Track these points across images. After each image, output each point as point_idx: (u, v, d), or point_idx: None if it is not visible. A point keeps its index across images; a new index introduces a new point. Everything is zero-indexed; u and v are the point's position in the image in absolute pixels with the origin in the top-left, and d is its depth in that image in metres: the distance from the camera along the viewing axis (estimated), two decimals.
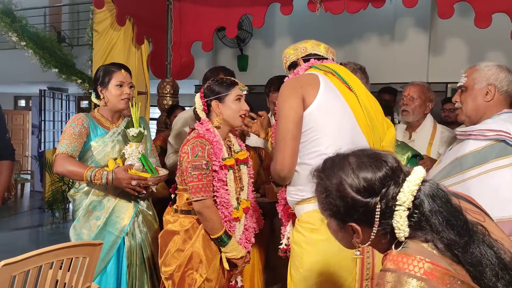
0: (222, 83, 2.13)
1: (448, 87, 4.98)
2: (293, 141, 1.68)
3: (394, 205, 0.99)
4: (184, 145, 2.06)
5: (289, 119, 1.68)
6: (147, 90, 4.40)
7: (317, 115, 1.69)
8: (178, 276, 2.04)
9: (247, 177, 2.23)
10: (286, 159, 1.69)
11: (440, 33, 5.07)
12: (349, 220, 1.04)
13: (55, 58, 5.14)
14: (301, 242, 1.70)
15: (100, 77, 2.38)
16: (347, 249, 1.64)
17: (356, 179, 1.02)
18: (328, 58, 1.88)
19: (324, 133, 1.68)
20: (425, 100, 2.82)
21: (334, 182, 1.05)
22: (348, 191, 1.02)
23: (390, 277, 0.92)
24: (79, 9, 7.84)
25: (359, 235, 1.04)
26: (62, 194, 6.74)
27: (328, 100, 1.71)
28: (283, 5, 4.01)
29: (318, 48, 1.87)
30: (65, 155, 2.24)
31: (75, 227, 2.34)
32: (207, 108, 2.12)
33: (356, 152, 1.09)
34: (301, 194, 1.72)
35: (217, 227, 2.03)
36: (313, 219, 1.67)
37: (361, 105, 1.76)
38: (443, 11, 3.53)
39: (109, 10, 4.01)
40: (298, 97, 1.69)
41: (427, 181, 1.01)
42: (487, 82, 1.81)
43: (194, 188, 2.00)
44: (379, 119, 1.81)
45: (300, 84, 1.72)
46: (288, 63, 1.91)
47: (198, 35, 4.51)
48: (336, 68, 1.81)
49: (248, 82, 5.85)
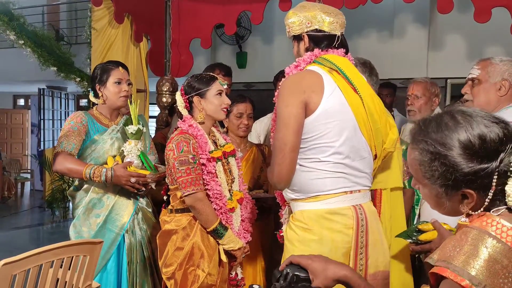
0: (202, 78, 2.15)
1: (447, 82, 4.97)
2: (292, 153, 1.61)
3: (510, 170, 0.95)
4: (169, 143, 2.07)
5: (289, 128, 1.60)
6: (146, 88, 4.40)
7: (320, 123, 1.63)
8: (180, 274, 2.04)
9: (236, 169, 2.24)
10: (284, 172, 1.63)
11: (440, 28, 5.05)
12: (461, 186, 0.97)
13: (53, 57, 5.13)
14: (294, 240, 1.69)
15: (98, 75, 2.37)
16: (338, 250, 1.64)
17: (471, 137, 0.95)
18: (336, 34, 1.74)
19: (325, 142, 1.64)
20: (430, 97, 2.75)
21: (446, 146, 0.96)
22: (465, 154, 0.95)
23: (472, 233, 0.94)
24: (77, 7, 7.82)
25: (472, 201, 0.98)
26: (62, 192, 6.74)
27: (331, 106, 1.64)
28: (282, 1, 3.99)
29: (323, 23, 1.73)
30: (64, 153, 2.24)
31: (75, 225, 2.34)
32: (189, 105, 2.14)
33: (459, 110, 1.00)
34: (297, 194, 1.71)
35: (211, 219, 2.03)
36: (306, 218, 1.66)
37: (365, 108, 1.70)
38: (443, 6, 3.52)
39: (107, 8, 4.00)
40: (300, 103, 1.61)
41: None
42: (502, 77, 1.81)
43: (184, 183, 2.00)
44: (383, 121, 1.76)
45: (303, 88, 1.63)
46: (292, 34, 1.79)
47: (196, 32, 4.49)
48: (342, 64, 1.71)
49: (247, 79, 5.89)
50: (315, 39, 1.75)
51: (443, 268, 0.93)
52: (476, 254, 0.91)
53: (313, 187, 1.66)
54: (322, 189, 1.65)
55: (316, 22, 1.73)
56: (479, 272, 0.89)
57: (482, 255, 0.90)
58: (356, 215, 1.66)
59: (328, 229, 1.64)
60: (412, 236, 1.70)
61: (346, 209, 1.66)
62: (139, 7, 4.14)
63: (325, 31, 1.74)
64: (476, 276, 0.89)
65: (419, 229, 1.70)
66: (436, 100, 2.77)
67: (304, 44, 1.77)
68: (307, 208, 1.67)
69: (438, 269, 0.94)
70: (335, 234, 1.64)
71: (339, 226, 1.65)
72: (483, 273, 0.89)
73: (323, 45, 1.75)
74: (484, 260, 0.90)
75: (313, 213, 1.66)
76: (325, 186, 1.65)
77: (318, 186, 1.65)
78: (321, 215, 1.65)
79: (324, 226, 1.65)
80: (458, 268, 0.90)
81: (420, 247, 1.68)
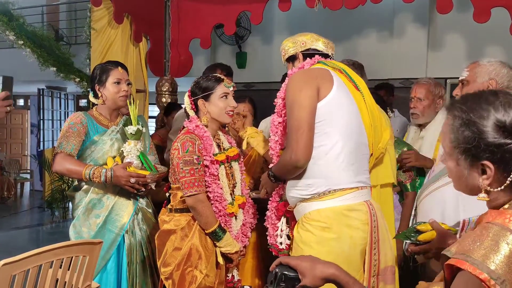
0: (207, 81, 2.12)
1: (447, 82, 4.97)
2: (309, 131, 1.64)
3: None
4: (174, 142, 2.07)
5: (306, 108, 1.63)
6: (145, 88, 4.39)
7: (330, 109, 1.67)
8: (178, 274, 2.04)
9: (239, 174, 2.23)
10: (302, 149, 1.63)
11: (439, 28, 5.06)
12: (482, 157, 1.00)
13: (53, 57, 5.13)
14: (311, 242, 1.67)
15: (97, 76, 2.37)
16: (356, 247, 1.66)
17: (506, 115, 0.98)
18: (328, 54, 1.87)
19: (334, 128, 1.67)
20: (434, 99, 2.64)
21: (479, 115, 1.00)
22: (495, 126, 0.98)
23: (493, 229, 0.95)
24: (76, 7, 7.81)
25: (490, 175, 1.00)
26: (61, 193, 6.74)
27: (341, 95, 1.70)
28: (282, 2, 3.99)
29: (317, 43, 1.85)
30: (63, 153, 2.24)
31: (75, 226, 2.34)
32: (195, 107, 2.13)
33: (503, 91, 1.06)
34: (311, 189, 1.70)
35: (211, 221, 2.03)
36: (324, 217, 1.66)
37: (367, 105, 1.76)
38: (442, 6, 3.52)
39: (106, 8, 4.00)
40: (314, 87, 1.66)
41: None
42: (489, 76, 1.83)
43: (186, 183, 2.00)
44: (381, 120, 1.83)
45: (315, 75, 1.70)
46: (287, 56, 1.89)
47: (196, 33, 4.49)
48: (343, 66, 1.82)
49: (247, 79, 5.89)
50: (308, 55, 1.84)
51: (461, 261, 0.93)
52: (497, 249, 0.92)
53: (328, 180, 1.68)
54: (336, 182, 1.67)
55: (310, 43, 1.85)
56: (499, 267, 0.90)
57: (503, 251, 0.91)
58: (369, 211, 1.70)
59: (347, 226, 1.66)
60: (411, 237, 1.70)
61: (361, 205, 1.70)
62: (138, 7, 4.14)
63: (318, 50, 1.84)
64: (495, 271, 0.89)
65: (418, 229, 1.70)
66: (440, 102, 2.66)
67: (299, 61, 1.85)
68: (325, 206, 1.68)
69: (456, 261, 0.94)
70: (353, 231, 1.67)
71: (357, 222, 1.67)
72: (502, 268, 0.90)
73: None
74: (504, 256, 0.91)
75: (332, 210, 1.67)
76: (340, 179, 1.67)
77: (333, 179, 1.68)
78: (340, 212, 1.67)
79: (343, 223, 1.66)
80: (477, 262, 0.91)
81: (419, 247, 1.68)
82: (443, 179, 1.85)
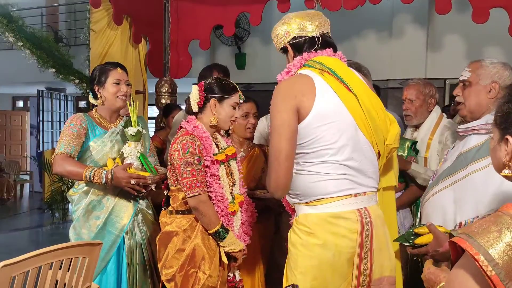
0: (226, 85, 2.16)
1: (446, 82, 4.98)
2: (286, 161, 1.60)
3: None
4: (174, 144, 2.07)
5: (282, 136, 1.60)
6: (145, 89, 4.40)
7: (315, 126, 1.62)
8: (181, 276, 2.03)
9: (237, 172, 2.24)
10: (280, 180, 1.62)
11: (438, 28, 5.06)
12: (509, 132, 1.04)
13: (52, 58, 5.12)
14: (297, 244, 1.67)
15: (97, 77, 2.38)
16: (342, 255, 1.63)
17: None
18: (318, 36, 1.76)
19: (324, 144, 1.62)
20: (425, 98, 2.65)
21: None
22: None
23: (503, 218, 0.96)
24: (76, 9, 7.83)
25: (510, 148, 1.04)
26: (61, 194, 6.74)
27: (325, 107, 1.63)
28: (281, 3, 4.00)
29: (302, 28, 1.76)
30: (64, 155, 2.24)
31: (75, 227, 2.34)
32: (203, 104, 2.13)
33: None
34: (301, 198, 1.69)
35: (214, 221, 2.03)
36: (309, 222, 1.65)
37: (361, 106, 1.68)
38: (441, 6, 3.53)
39: (106, 9, 4.01)
40: (291, 109, 1.61)
41: None
42: (492, 79, 1.80)
43: (188, 184, 2.00)
44: (381, 118, 1.74)
45: (294, 93, 1.63)
46: (279, 48, 1.85)
47: (195, 34, 4.50)
48: (332, 65, 1.71)
49: (246, 80, 5.89)
50: (296, 46, 1.78)
51: (462, 240, 0.94)
52: (499, 236, 0.92)
53: (314, 190, 1.64)
54: (324, 192, 1.63)
55: (293, 30, 1.77)
56: (496, 252, 0.90)
57: (505, 238, 0.92)
58: (360, 219, 1.63)
59: (332, 234, 1.62)
60: (409, 240, 1.71)
61: (350, 213, 1.64)
62: (137, 9, 4.14)
63: (303, 36, 1.76)
64: (492, 255, 0.90)
65: (416, 232, 1.71)
66: (432, 101, 2.67)
67: (290, 54, 1.81)
68: (310, 212, 1.66)
69: (457, 239, 0.96)
70: (339, 239, 1.62)
71: (343, 230, 1.63)
72: (500, 254, 0.90)
73: (305, 49, 1.77)
74: (505, 243, 0.91)
75: (316, 217, 1.64)
76: (327, 189, 1.63)
77: (319, 189, 1.64)
78: (324, 219, 1.63)
79: (327, 230, 1.62)
80: (476, 243, 0.92)
81: (417, 250, 1.69)
82: (442, 183, 1.85)
